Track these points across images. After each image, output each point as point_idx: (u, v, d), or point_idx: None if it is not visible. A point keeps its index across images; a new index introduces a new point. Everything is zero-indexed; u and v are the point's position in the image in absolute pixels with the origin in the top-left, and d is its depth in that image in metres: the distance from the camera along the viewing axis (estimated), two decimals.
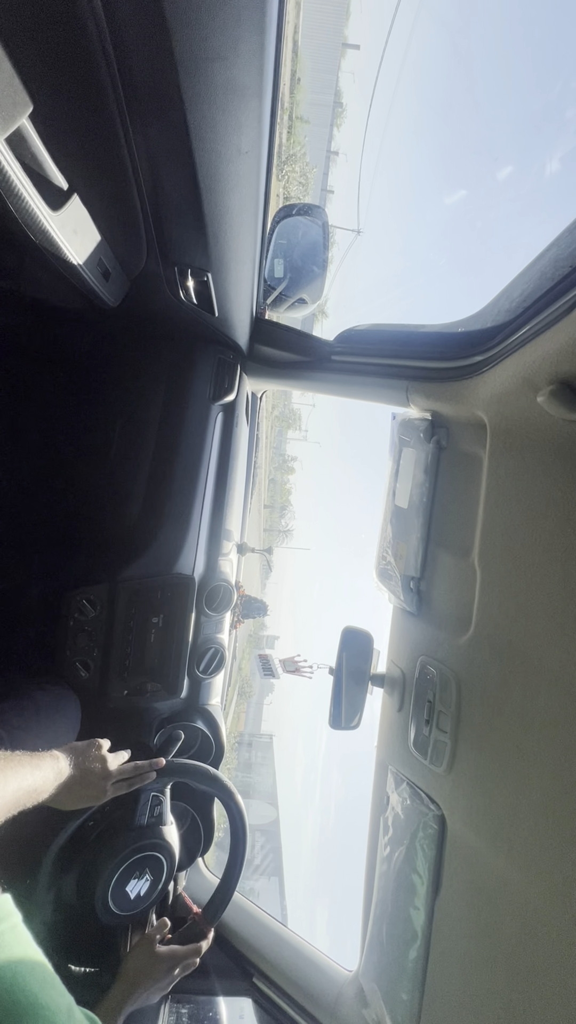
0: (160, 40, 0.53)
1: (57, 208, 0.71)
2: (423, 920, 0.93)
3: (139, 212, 0.82)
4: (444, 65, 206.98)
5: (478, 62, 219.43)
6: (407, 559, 1.10)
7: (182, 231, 0.87)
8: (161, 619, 1.26)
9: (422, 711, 0.99)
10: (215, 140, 0.68)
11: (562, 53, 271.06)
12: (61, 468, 1.36)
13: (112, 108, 0.62)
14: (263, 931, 1.29)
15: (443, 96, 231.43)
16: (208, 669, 1.34)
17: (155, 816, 1.03)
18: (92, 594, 1.19)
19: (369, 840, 1.17)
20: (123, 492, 1.28)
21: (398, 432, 1.15)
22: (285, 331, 1.35)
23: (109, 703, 1.22)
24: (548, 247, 0.69)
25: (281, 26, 0.62)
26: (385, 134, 37.73)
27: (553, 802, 0.69)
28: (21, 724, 0.96)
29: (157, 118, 0.64)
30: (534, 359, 0.68)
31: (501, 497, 0.84)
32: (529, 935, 0.71)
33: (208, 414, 1.30)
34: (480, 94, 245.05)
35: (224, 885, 1.11)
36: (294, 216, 1.26)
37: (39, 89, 0.58)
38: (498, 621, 0.84)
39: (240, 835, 1.13)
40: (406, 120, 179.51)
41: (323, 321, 31.58)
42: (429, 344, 1.02)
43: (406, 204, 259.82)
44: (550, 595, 0.73)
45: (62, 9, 0.50)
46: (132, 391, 1.32)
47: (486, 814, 0.82)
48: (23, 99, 0.57)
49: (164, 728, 1.27)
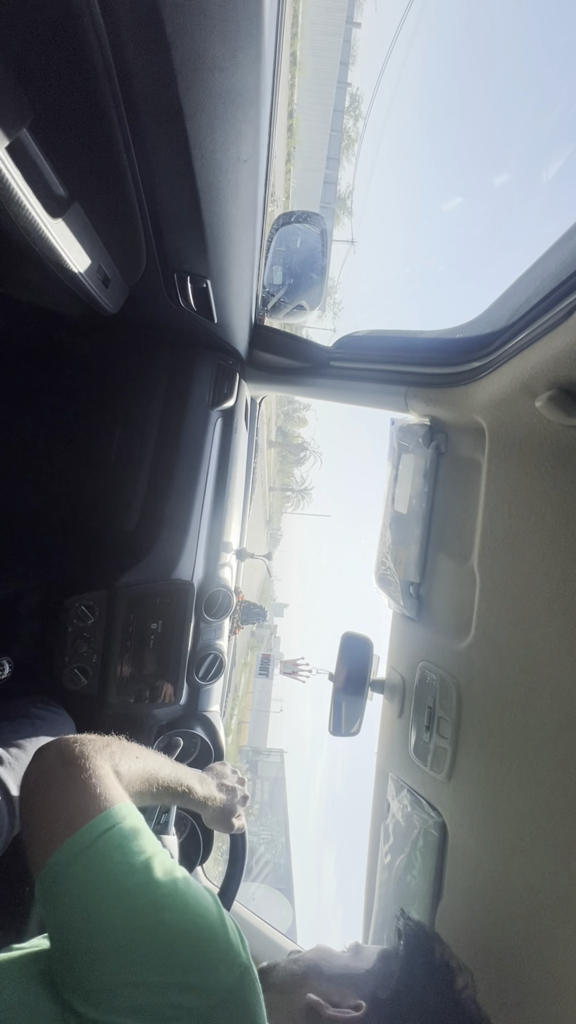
0: (160, 50, 0.53)
1: (57, 216, 0.71)
2: None
3: (139, 219, 0.82)
4: (442, 72, 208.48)
5: (476, 69, 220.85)
6: (407, 564, 1.09)
7: (181, 238, 0.87)
8: (160, 625, 1.25)
9: (422, 717, 0.99)
10: (214, 148, 0.68)
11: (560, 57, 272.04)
12: (60, 474, 1.36)
13: (112, 117, 0.62)
14: (264, 943, 1.28)
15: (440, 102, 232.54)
16: (207, 675, 1.33)
17: (160, 824, 1.02)
18: (91, 600, 1.18)
19: (370, 847, 1.16)
20: (122, 498, 1.28)
21: (397, 438, 1.16)
22: (284, 337, 1.35)
23: (108, 710, 1.21)
24: (546, 253, 0.70)
25: (279, 35, 0.63)
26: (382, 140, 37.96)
27: (555, 808, 0.69)
28: (21, 743, 0.95)
29: (157, 127, 0.65)
30: (532, 365, 0.68)
31: (500, 502, 0.84)
32: (531, 943, 0.71)
33: (207, 420, 1.30)
34: (478, 100, 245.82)
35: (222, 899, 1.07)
36: (293, 223, 1.27)
37: (40, 99, 0.58)
38: (498, 626, 0.83)
39: (240, 851, 1.10)
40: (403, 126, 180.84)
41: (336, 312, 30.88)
42: (428, 350, 1.02)
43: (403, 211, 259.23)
44: (550, 600, 0.73)
45: (62, 20, 0.51)
46: (131, 397, 1.32)
47: (487, 821, 0.81)
48: (24, 109, 0.57)
49: (163, 735, 1.26)
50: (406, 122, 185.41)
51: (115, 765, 0.63)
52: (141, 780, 0.69)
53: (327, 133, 23.54)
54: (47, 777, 0.57)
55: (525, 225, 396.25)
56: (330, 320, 30.28)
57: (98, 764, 0.59)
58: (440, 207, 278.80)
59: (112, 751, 0.65)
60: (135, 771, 0.68)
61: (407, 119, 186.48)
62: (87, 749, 0.61)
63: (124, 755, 0.67)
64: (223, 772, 0.97)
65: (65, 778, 0.56)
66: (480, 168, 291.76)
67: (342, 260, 33.56)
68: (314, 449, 29.08)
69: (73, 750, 0.60)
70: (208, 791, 0.88)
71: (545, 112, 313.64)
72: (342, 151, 25.26)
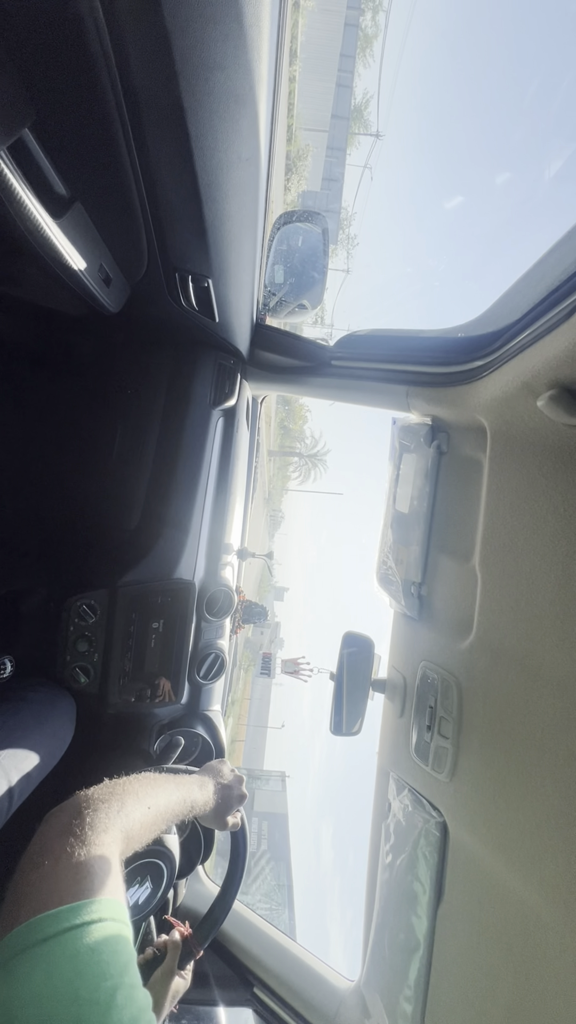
0: (161, 50, 0.53)
1: (59, 216, 0.71)
2: (425, 929, 0.92)
3: (140, 219, 0.82)
4: (442, 69, 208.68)
5: (476, 67, 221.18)
6: (408, 564, 1.09)
7: (183, 237, 0.87)
8: (161, 624, 1.25)
9: (424, 717, 0.99)
10: (215, 148, 0.68)
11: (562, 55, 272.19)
12: (62, 473, 1.36)
13: (113, 116, 0.62)
14: (264, 941, 1.28)
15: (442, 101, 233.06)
16: (208, 675, 1.34)
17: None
18: (92, 599, 1.19)
19: (371, 847, 1.16)
20: (124, 497, 1.28)
21: (399, 437, 1.16)
22: (285, 336, 1.35)
23: (109, 709, 1.21)
24: (548, 252, 0.69)
25: (281, 34, 0.63)
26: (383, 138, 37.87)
27: (557, 808, 0.69)
28: (16, 724, 0.96)
29: (158, 126, 0.65)
30: (534, 364, 0.68)
31: (502, 501, 0.84)
32: (532, 943, 0.71)
33: (208, 419, 1.30)
34: (479, 99, 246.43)
35: (219, 905, 1.07)
36: (294, 222, 1.27)
37: (41, 99, 0.58)
38: (499, 626, 0.83)
39: (240, 850, 1.11)
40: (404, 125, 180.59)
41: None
42: (429, 349, 1.02)
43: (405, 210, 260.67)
44: (551, 599, 0.73)
45: (64, 20, 0.51)
46: (133, 396, 1.32)
47: (489, 820, 0.81)
48: (25, 109, 0.57)
49: (164, 734, 1.26)
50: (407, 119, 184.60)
51: (127, 828, 0.60)
52: (153, 826, 0.68)
53: (340, 27, 19.96)
54: (46, 847, 0.53)
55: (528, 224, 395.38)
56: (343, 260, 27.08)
57: (104, 841, 0.55)
58: (442, 205, 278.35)
59: (127, 811, 0.62)
60: (148, 821, 0.66)
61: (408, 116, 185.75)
62: (98, 818, 0.57)
63: (136, 806, 0.65)
64: (220, 770, 0.97)
65: (59, 851, 0.52)
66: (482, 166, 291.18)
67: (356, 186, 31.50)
68: None
69: (84, 819, 0.56)
70: (206, 795, 0.88)
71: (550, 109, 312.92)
72: (358, 51, 22.46)
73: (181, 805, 0.79)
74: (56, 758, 1.02)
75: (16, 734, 0.93)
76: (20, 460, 1.37)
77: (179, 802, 0.79)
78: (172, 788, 0.79)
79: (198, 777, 0.91)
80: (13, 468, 1.36)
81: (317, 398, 1.42)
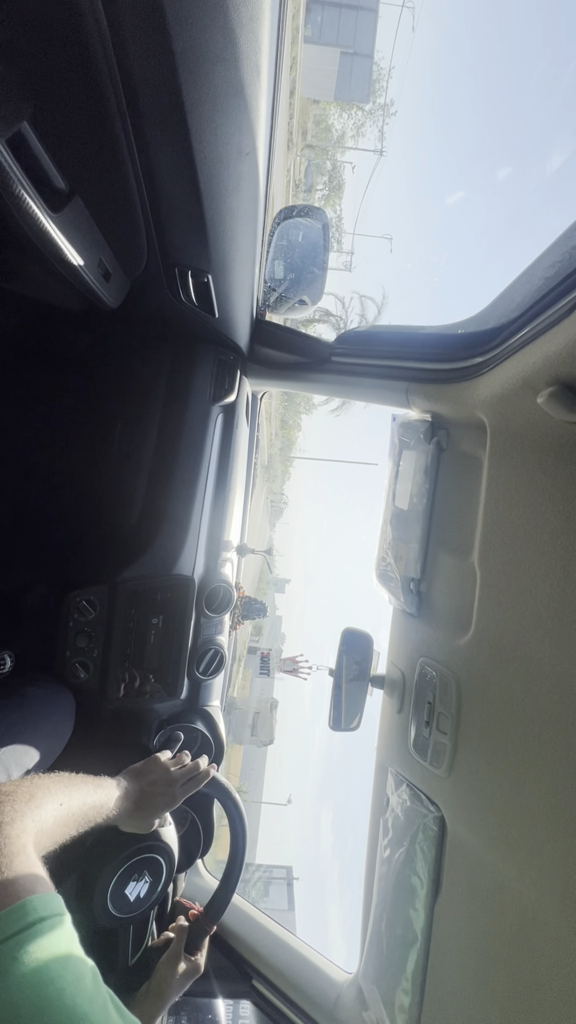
0: (161, 43, 0.53)
1: (58, 210, 0.71)
2: (423, 922, 0.93)
3: (140, 213, 0.82)
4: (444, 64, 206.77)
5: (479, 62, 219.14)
6: (407, 561, 1.09)
7: (183, 232, 0.87)
8: (161, 620, 1.26)
9: (422, 712, 0.99)
10: (216, 142, 0.68)
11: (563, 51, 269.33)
12: (61, 469, 1.36)
13: (113, 110, 0.62)
14: (263, 933, 1.29)
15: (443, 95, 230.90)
16: (208, 670, 1.34)
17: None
18: (92, 595, 1.19)
19: (369, 842, 1.17)
20: (123, 493, 1.28)
21: (398, 433, 1.15)
22: (285, 332, 1.35)
23: (108, 704, 1.21)
24: (548, 249, 0.69)
25: (282, 27, 0.62)
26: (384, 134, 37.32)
27: (554, 804, 0.69)
28: (16, 719, 0.96)
29: (158, 120, 0.64)
30: (534, 361, 0.68)
31: (501, 498, 0.84)
32: (529, 937, 0.71)
33: (208, 415, 1.30)
34: (481, 94, 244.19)
35: (225, 883, 1.11)
36: (295, 217, 1.27)
37: (40, 92, 0.58)
38: (498, 622, 0.84)
39: (240, 835, 1.13)
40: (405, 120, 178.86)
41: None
42: (429, 345, 1.02)
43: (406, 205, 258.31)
44: (550, 596, 0.73)
45: (63, 12, 0.51)
46: (132, 392, 1.32)
47: (486, 816, 0.82)
48: (24, 102, 0.57)
49: (163, 729, 1.27)
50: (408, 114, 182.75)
51: (39, 821, 0.59)
52: (66, 824, 0.66)
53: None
54: None
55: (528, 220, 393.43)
56: (374, 140, 23.08)
57: (17, 832, 0.54)
58: (443, 200, 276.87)
59: (37, 804, 0.60)
60: (60, 817, 0.65)
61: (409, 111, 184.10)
62: (4, 810, 0.56)
63: (48, 800, 0.63)
64: (149, 771, 0.93)
65: None
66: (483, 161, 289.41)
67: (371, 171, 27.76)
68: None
69: None
70: (125, 797, 0.84)
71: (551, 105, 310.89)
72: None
73: (96, 807, 0.76)
74: (56, 753, 1.02)
75: (16, 729, 0.94)
76: (19, 456, 1.37)
77: (95, 803, 0.76)
78: (89, 788, 0.76)
79: (117, 779, 0.87)
80: (12, 464, 1.36)
81: (317, 394, 1.42)
